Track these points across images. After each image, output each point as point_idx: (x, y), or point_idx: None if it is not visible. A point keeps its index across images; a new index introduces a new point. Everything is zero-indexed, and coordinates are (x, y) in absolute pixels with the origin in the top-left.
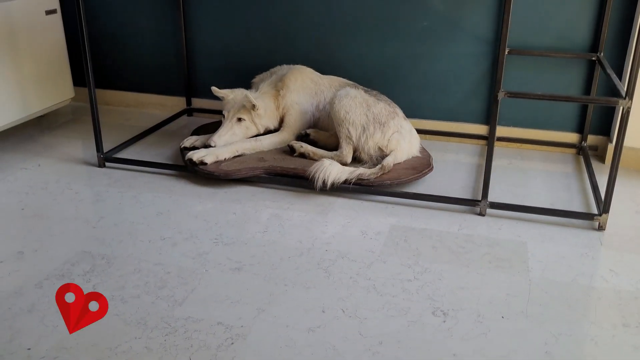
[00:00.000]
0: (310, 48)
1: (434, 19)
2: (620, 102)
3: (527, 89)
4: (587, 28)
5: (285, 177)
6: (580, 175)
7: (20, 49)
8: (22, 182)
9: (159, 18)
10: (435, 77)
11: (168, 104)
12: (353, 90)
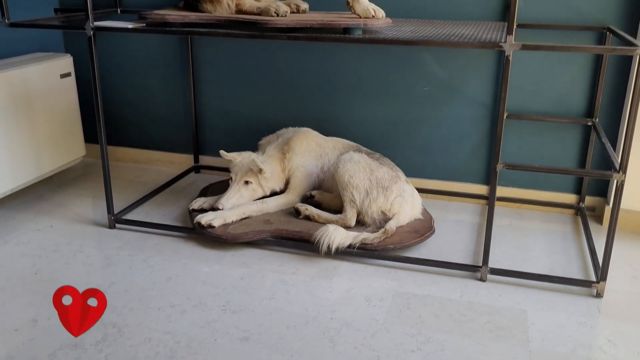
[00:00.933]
0: (315, 110)
1: (435, 84)
2: (615, 176)
3: (525, 152)
4: (582, 94)
5: (291, 240)
6: (579, 237)
7: (35, 111)
8: (35, 244)
9: (169, 78)
10: (437, 139)
11: (176, 161)
12: (356, 154)
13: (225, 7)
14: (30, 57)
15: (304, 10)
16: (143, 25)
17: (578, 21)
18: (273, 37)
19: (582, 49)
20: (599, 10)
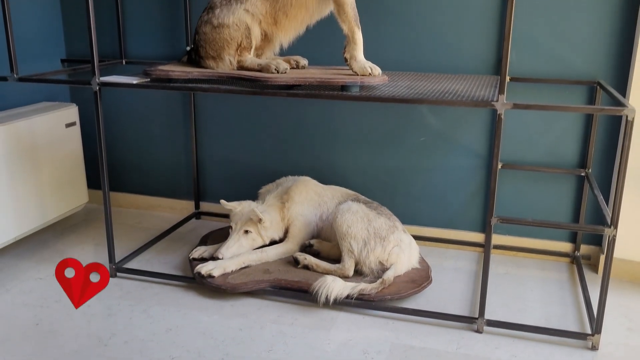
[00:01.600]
0: (314, 158)
1: (431, 135)
2: (607, 231)
3: (520, 202)
4: (575, 145)
5: (290, 290)
6: (575, 286)
7: (40, 160)
8: (37, 293)
9: (171, 126)
10: (434, 188)
11: (177, 207)
12: (355, 204)
13: (227, 64)
14: (37, 107)
15: (303, 66)
16: (147, 80)
17: (569, 75)
18: (273, 94)
19: (571, 108)
20: (590, 65)
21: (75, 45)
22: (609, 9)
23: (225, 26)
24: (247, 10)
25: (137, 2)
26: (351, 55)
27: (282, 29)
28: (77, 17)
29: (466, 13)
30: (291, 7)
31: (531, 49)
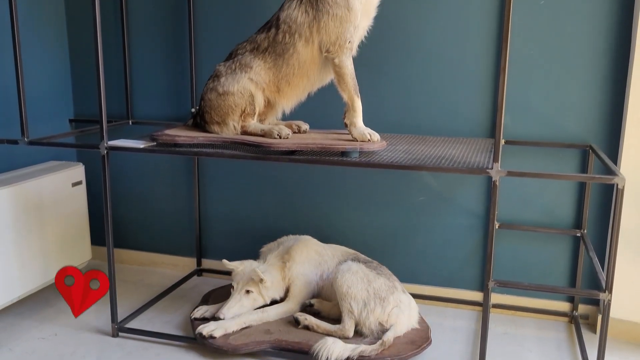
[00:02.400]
0: (315, 217)
1: (429, 194)
2: (602, 296)
3: (518, 262)
4: (570, 205)
5: (290, 351)
6: (573, 347)
7: (45, 219)
8: (40, 354)
9: (175, 184)
10: (432, 246)
11: (180, 264)
12: (354, 264)
13: (232, 129)
14: (45, 166)
15: (304, 131)
16: (154, 144)
17: (563, 139)
18: (276, 159)
19: (564, 176)
20: (582, 129)
21: (84, 103)
22: (600, 74)
23: (230, 94)
24: (251, 79)
25: (144, 64)
26: (351, 122)
27: (284, 97)
28: (86, 77)
29: (462, 78)
30: (293, 76)
31: (525, 113)
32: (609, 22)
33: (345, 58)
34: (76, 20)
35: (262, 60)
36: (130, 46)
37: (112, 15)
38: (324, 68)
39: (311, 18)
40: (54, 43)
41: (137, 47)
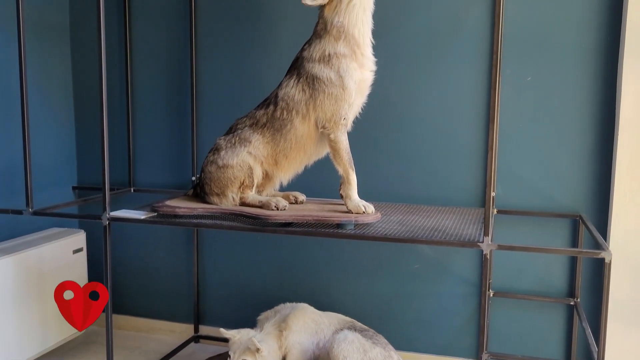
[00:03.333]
0: (312, 285)
1: (424, 262)
2: None
3: (513, 329)
4: (563, 273)
5: None
6: None
7: (46, 286)
8: None
9: (174, 250)
10: (427, 314)
11: (177, 330)
12: (351, 333)
13: (230, 200)
14: (47, 233)
15: (301, 201)
16: (154, 215)
17: (553, 208)
18: (273, 231)
19: (553, 250)
20: (572, 199)
21: (87, 170)
22: (587, 147)
23: (230, 167)
24: (250, 152)
25: (147, 134)
26: (346, 194)
27: (282, 169)
28: (90, 145)
29: (455, 148)
30: (291, 150)
31: (516, 183)
32: (594, 98)
33: (340, 134)
34: (83, 89)
35: (261, 134)
36: (134, 117)
37: (117, 85)
38: (320, 143)
39: (308, 96)
40: (60, 112)
41: (141, 117)
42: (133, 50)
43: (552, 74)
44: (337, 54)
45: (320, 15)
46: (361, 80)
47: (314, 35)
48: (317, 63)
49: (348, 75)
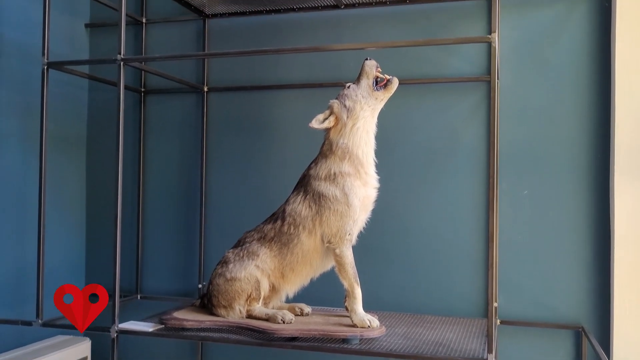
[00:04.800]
0: None
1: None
2: None
3: None
4: None
5: None
6: None
7: None
8: None
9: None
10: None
11: None
12: None
13: (237, 313)
14: (52, 342)
15: (307, 313)
16: (162, 327)
17: (555, 319)
18: (279, 346)
19: None
20: (573, 310)
21: (95, 276)
22: (585, 259)
23: (237, 280)
24: (257, 265)
25: (155, 242)
26: (351, 308)
27: (288, 282)
28: (100, 251)
29: (457, 259)
30: (297, 264)
31: (519, 294)
32: (589, 212)
33: (345, 249)
34: (95, 197)
35: (268, 248)
36: (144, 225)
37: (128, 193)
38: (326, 257)
39: (314, 212)
40: (72, 219)
41: (150, 225)
42: (146, 161)
43: (548, 189)
44: (342, 173)
45: (326, 137)
46: (365, 197)
47: (320, 154)
48: (323, 181)
49: (352, 193)
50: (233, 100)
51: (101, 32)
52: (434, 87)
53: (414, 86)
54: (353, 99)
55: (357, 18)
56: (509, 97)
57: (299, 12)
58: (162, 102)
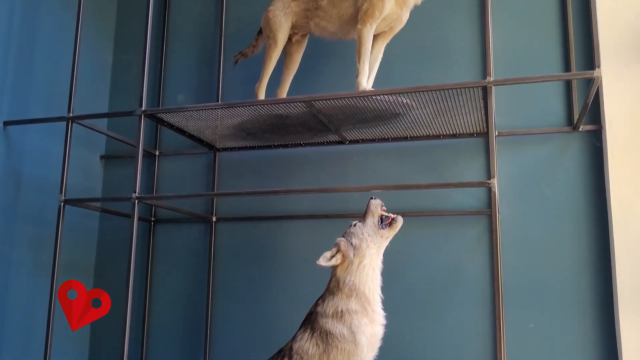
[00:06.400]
0: None
1: None
2: None
3: None
4: None
5: None
6: None
7: None
8: None
9: None
10: None
11: None
12: None
13: None
14: None
15: None
16: None
17: None
18: None
19: None
20: None
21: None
22: None
23: None
24: None
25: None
26: None
27: None
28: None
29: None
30: None
31: None
32: (595, 347)
33: None
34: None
35: None
36: (148, 354)
37: (134, 323)
38: None
39: (321, 350)
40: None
41: (155, 354)
42: (152, 289)
43: (553, 322)
44: (349, 311)
45: (333, 274)
46: (372, 334)
47: (327, 291)
48: (331, 318)
49: (360, 331)
50: (240, 230)
51: (115, 163)
52: (437, 220)
53: (418, 218)
54: (359, 237)
55: (361, 153)
56: (510, 229)
57: (306, 147)
58: (171, 231)
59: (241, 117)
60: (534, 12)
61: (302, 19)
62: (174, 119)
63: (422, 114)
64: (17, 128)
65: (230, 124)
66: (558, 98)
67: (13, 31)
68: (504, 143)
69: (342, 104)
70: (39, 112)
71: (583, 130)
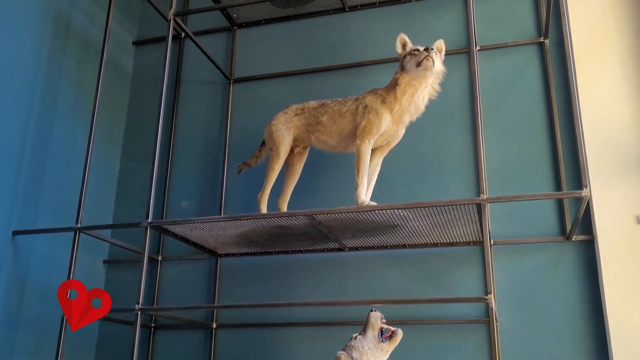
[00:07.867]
0: None
1: None
2: None
3: None
4: None
5: None
6: None
7: None
8: None
9: None
10: None
11: None
12: None
13: None
14: None
15: None
16: None
17: None
18: None
19: None
20: None
21: None
22: None
23: None
24: None
25: None
26: None
27: None
28: None
29: None
30: None
31: None
32: None
33: None
34: None
35: None
36: None
37: None
38: None
39: None
40: None
41: None
42: None
43: None
44: None
45: None
46: None
47: None
48: None
49: None
50: (241, 337)
51: (119, 268)
52: (437, 329)
53: (418, 327)
54: (360, 351)
55: (360, 259)
56: (509, 337)
57: (307, 254)
58: (171, 338)
59: (244, 227)
60: (524, 129)
61: (304, 132)
62: (179, 229)
63: (419, 225)
64: (26, 237)
65: (233, 233)
66: (550, 210)
67: (27, 142)
68: (500, 251)
69: (342, 217)
70: (46, 221)
71: (576, 240)
